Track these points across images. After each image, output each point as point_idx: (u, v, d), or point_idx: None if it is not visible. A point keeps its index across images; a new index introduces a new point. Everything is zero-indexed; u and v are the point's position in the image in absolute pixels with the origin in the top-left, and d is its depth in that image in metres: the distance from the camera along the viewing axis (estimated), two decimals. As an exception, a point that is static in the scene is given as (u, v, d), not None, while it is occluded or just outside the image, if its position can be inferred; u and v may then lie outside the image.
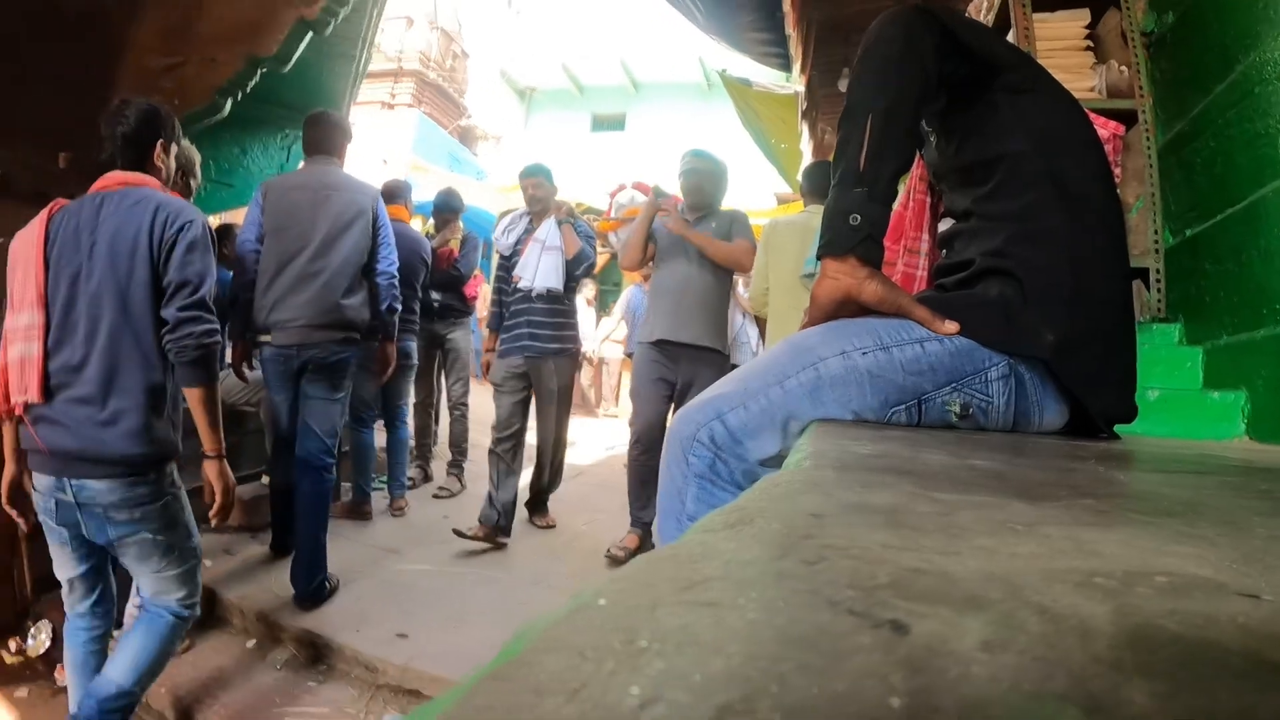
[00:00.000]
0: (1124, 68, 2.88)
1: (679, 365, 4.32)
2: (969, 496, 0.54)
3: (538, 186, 4.69)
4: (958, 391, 1.12)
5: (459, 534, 4.27)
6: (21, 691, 3.14)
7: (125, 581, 2.97)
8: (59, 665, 3.25)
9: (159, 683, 2.88)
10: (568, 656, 0.23)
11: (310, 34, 4.05)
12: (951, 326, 1.12)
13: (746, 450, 1.07)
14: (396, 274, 3.95)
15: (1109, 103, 2.84)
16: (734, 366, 6.06)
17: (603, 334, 11.46)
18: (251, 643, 3.30)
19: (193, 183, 3.40)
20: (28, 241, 2.32)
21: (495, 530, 4.34)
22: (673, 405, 4.43)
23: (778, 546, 0.36)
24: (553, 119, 18.86)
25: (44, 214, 2.36)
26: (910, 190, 1.65)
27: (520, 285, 4.55)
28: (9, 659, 3.34)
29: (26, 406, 2.24)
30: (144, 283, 2.24)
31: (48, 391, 2.22)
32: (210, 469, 2.39)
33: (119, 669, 2.35)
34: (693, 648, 0.23)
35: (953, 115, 1.32)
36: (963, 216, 1.34)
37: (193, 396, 2.32)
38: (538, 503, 5.05)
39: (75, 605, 2.42)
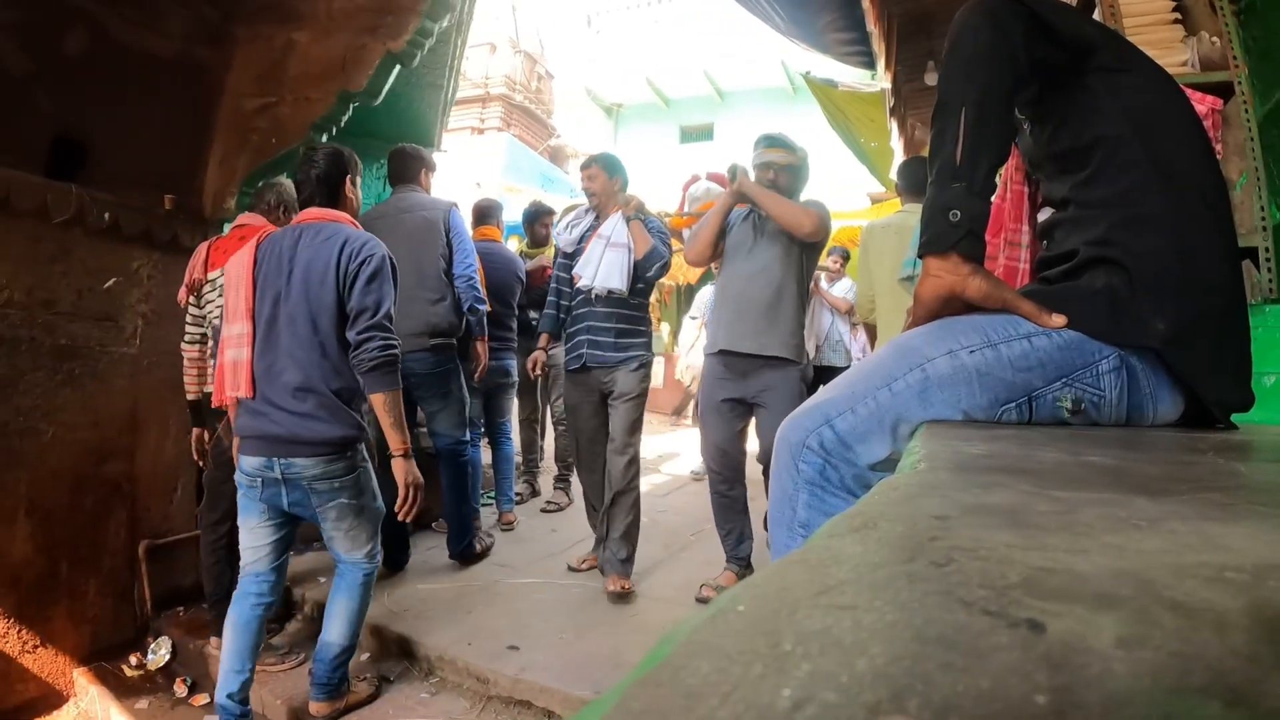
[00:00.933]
0: (1215, 38, 2.76)
1: (747, 380, 3.71)
2: (1088, 494, 0.54)
3: (592, 178, 4.09)
4: (1068, 386, 1.09)
5: (572, 570, 4.24)
6: (142, 703, 3.31)
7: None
8: (179, 678, 3.43)
9: (275, 694, 3.02)
10: (715, 660, 0.24)
11: (398, 66, 4.16)
12: (1059, 319, 1.09)
13: (856, 455, 1.06)
14: (475, 275, 4.11)
15: (1203, 76, 2.73)
16: (827, 369, 5.85)
17: (687, 344, 10.93)
18: (365, 655, 3.39)
19: (288, 217, 3.55)
20: (241, 264, 2.79)
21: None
22: (750, 421, 3.89)
23: (905, 549, 0.36)
24: (640, 133, 19.02)
25: (254, 241, 2.84)
26: (1007, 181, 1.61)
27: (580, 285, 3.95)
28: (130, 673, 3.53)
29: (238, 400, 2.74)
30: (330, 306, 2.67)
31: (255, 389, 2.68)
32: (397, 467, 2.76)
33: (335, 630, 2.87)
34: (836, 649, 0.24)
35: (1045, 101, 1.29)
36: (1061, 205, 1.31)
37: (376, 402, 2.71)
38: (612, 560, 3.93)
39: (254, 567, 2.80)
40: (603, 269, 3.85)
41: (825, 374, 5.83)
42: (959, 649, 0.24)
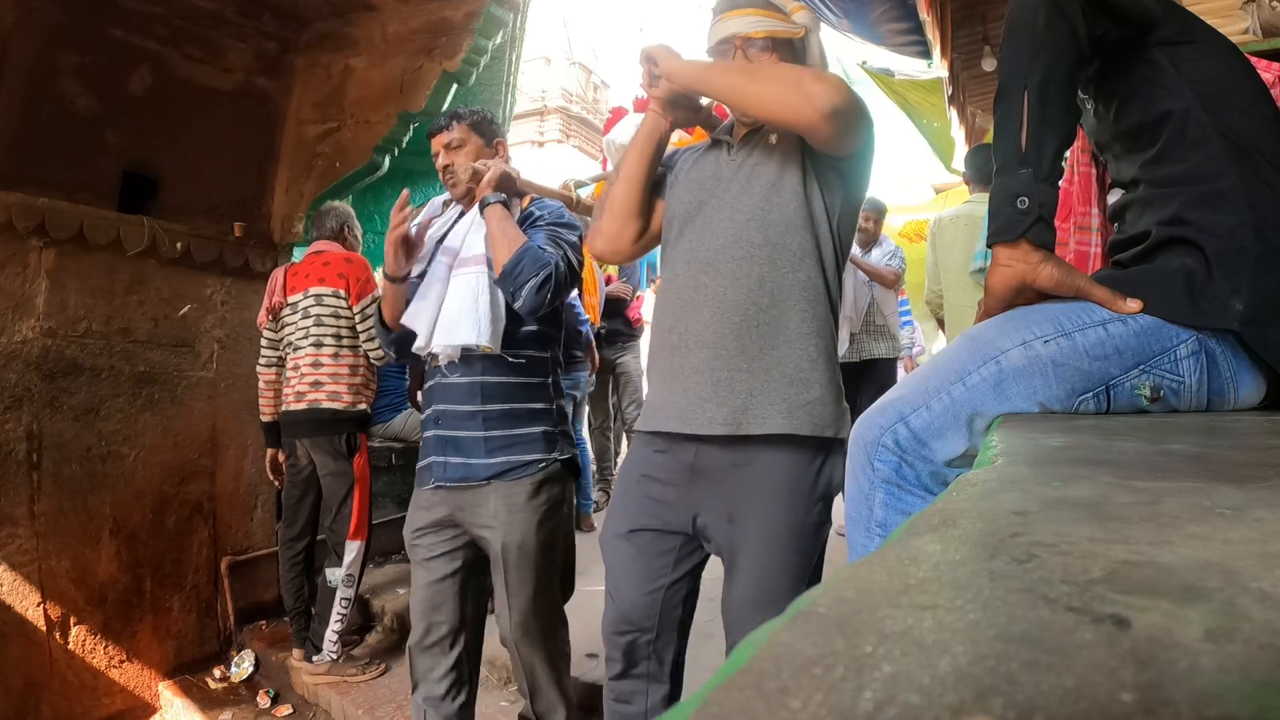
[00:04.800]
0: (1276, 3, 2.66)
1: (702, 484, 1.73)
2: (1171, 483, 0.52)
3: (451, 147, 2.30)
4: (1146, 373, 1.06)
5: None
6: (225, 715, 3.42)
7: (325, 607, 3.20)
8: (261, 690, 3.53)
9: (357, 704, 3.07)
10: (796, 663, 0.24)
11: (455, 85, 4.20)
12: (1134, 305, 1.06)
13: (932, 451, 1.05)
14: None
15: (1266, 43, 2.63)
16: (868, 364, 4.83)
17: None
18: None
19: (353, 236, 3.63)
20: None
21: None
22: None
23: (986, 546, 0.36)
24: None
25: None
26: (1073, 164, 1.58)
27: (418, 348, 2.21)
28: (214, 685, 3.64)
29: None
30: None
31: None
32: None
33: None
34: (918, 650, 0.24)
35: (1108, 79, 1.26)
36: (1131, 185, 1.27)
37: None
38: None
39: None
40: (447, 312, 2.15)
41: (866, 369, 4.82)
42: (1042, 647, 0.24)
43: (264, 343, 3.51)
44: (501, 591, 2.24)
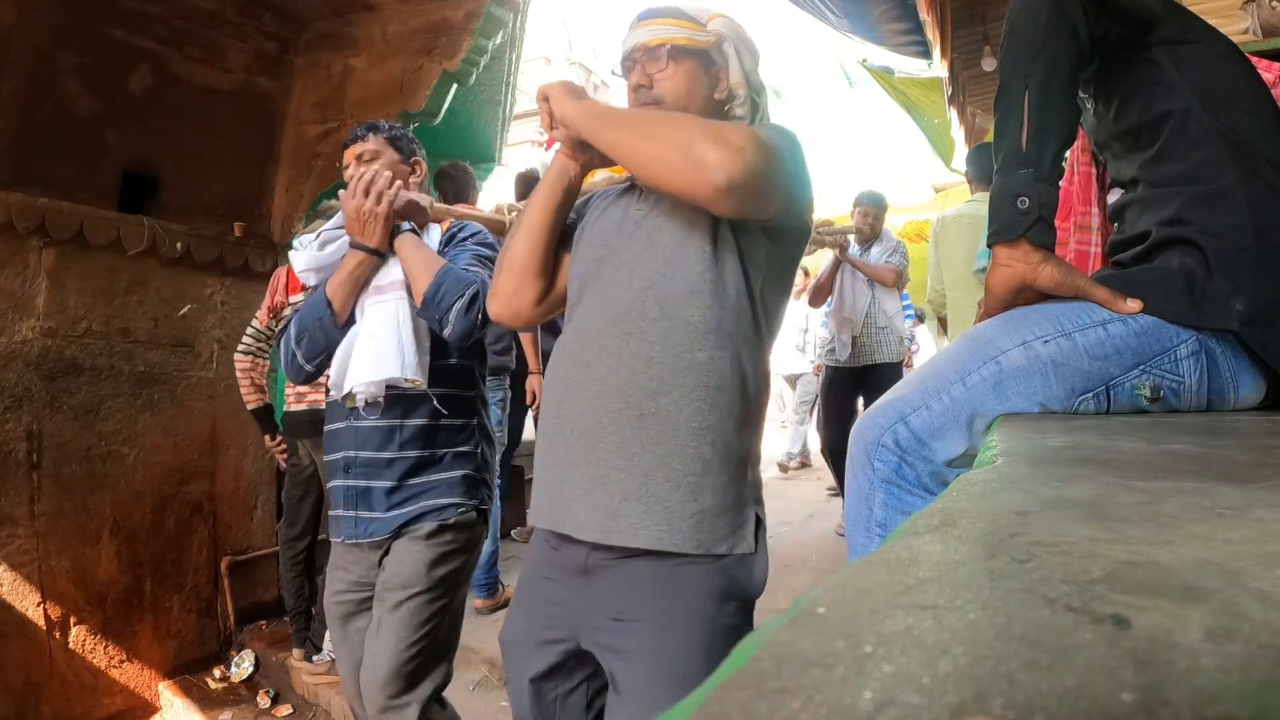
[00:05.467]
0: (1275, 3, 2.67)
1: (590, 600, 1.57)
2: (1171, 483, 0.52)
3: (364, 159, 2.09)
4: (1146, 374, 1.06)
5: None
6: (225, 715, 3.43)
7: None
8: (262, 690, 3.54)
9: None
10: (797, 663, 0.24)
11: (455, 85, 4.20)
12: (1134, 305, 1.07)
13: (932, 451, 1.05)
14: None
15: (1266, 43, 2.62)
16: (869, 369, 4.65)
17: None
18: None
19: None
20: None
21: None
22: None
23: (986, 546, 0.36)
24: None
25: None
26: (1073, 164, 1.58)
27: (332, 392, 2.02)
28: (214, 685, 3.66)
29: None
30: None
31: None
32: None
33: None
34: (918, 650, 0.24)
35: (1108, 79, 1.26)
36: (1131, 185, 1.27)
37: None
38: None
39: None
40: (365, 345, 1.90)
41: (868, 375, 4.67)
42: (1043, 647, 0.24)
43: (249, 332, 3.48)
44: (371, 637, 1.94)
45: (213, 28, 3.78)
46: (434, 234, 2.10)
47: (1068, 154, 1.42)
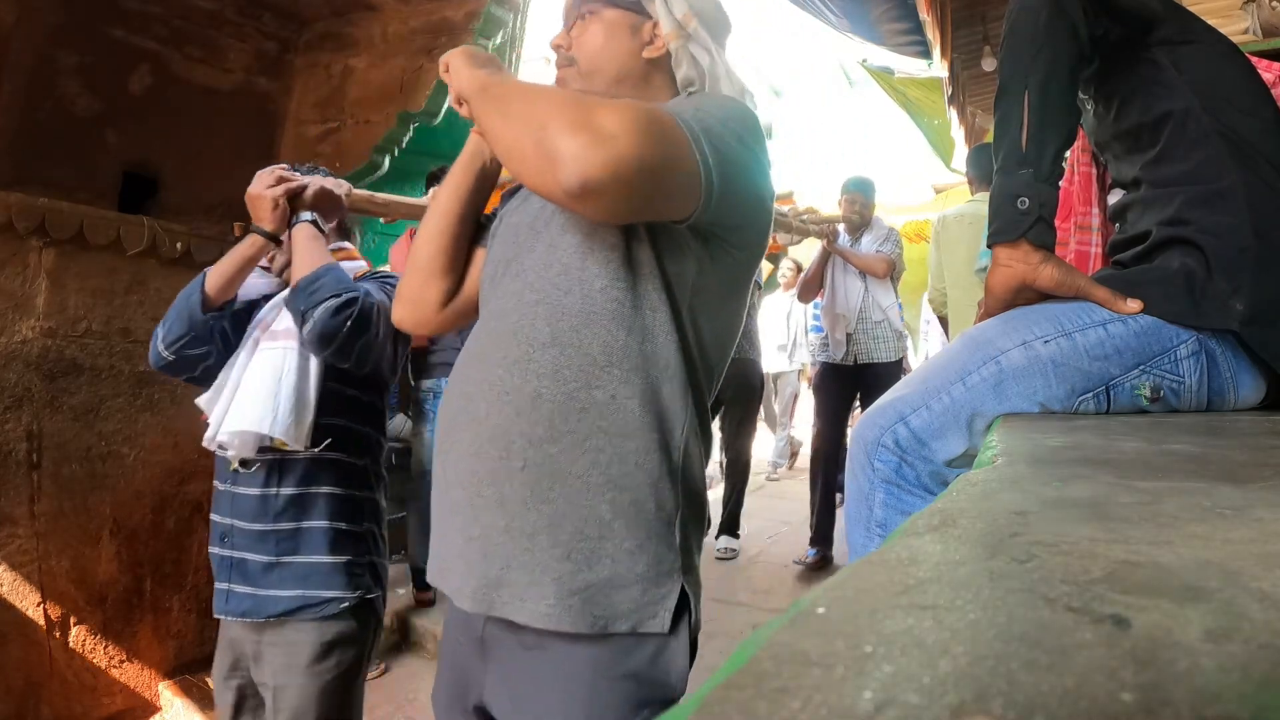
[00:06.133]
0: (1275, 3, 2.67)
1: (489, 673, 1.48)
2: (1171, 483, 0.53)
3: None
4: (1146, 374, 1.06)
5: None
6: (222, 716, 3.41)
7: None
8: (261, 690, 3.53)
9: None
10: (797, 663, 0.24)
11: (454, 85, 4.22)
12: (1134, 305, 1.07)
13: (932, 451, 1.05)
14: None
15: (1266, 43, 2.63)
16: (865, 368, 4.47)
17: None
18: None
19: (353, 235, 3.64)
20: None
21: None
22: None
23: (986, 546, 0.36)
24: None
25: None
26: (1074, 164, 1.58)
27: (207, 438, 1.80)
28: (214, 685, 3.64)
29: None
30: None
31: None
32: None
33: None
34: (918, 650, 0.24)
35: (1108, 79, 1.26)
36: (1132, 185, 1.28)
37: None
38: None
39: None
40: (243, 392, 1.73)
41: (864, 374, 4.50)
42: (1043, 647, 0.24)
43: None
44: None
45: (213, 28, 3.78)
46: (348, 268, 1.88)
47: (1068, 154, 1.42)
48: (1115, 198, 1.36)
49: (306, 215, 1.83)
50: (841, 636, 0.26)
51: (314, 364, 1.75)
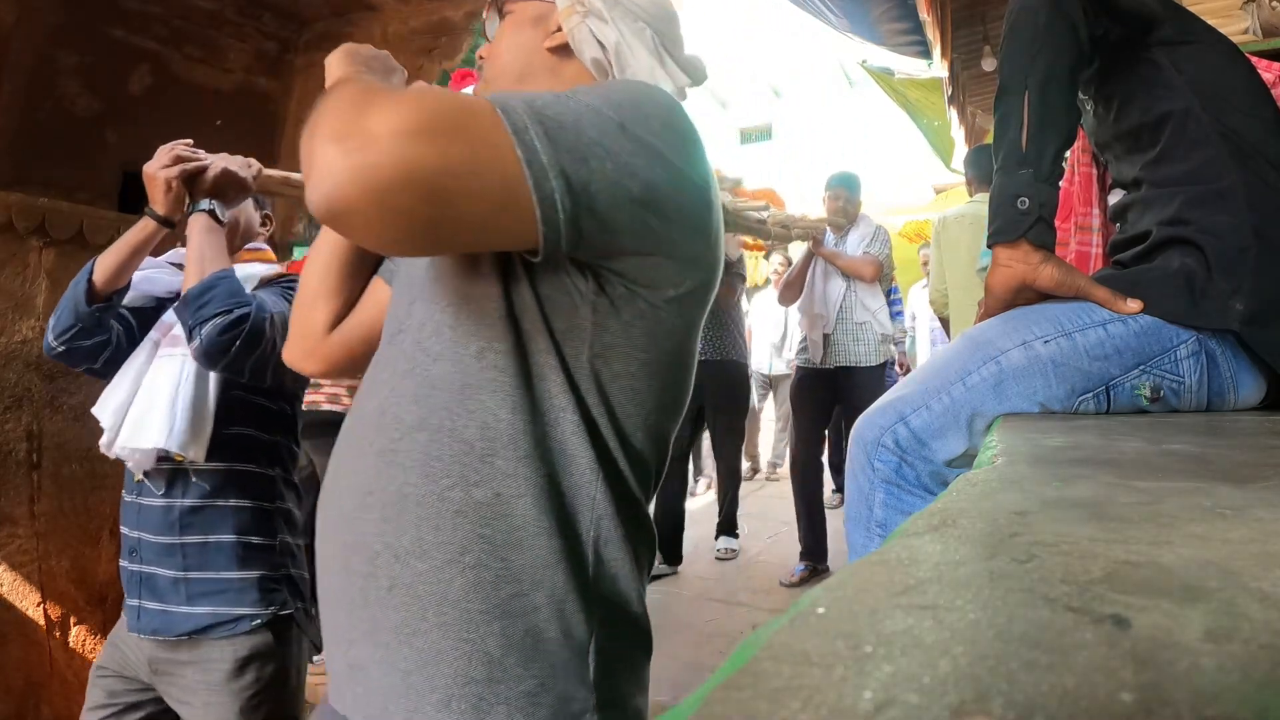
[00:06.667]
0: (1275, 3, 2.67)
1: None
2: (1171, 483, 0.53)
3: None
4: (1146, 374, 1.06)
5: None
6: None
7: None
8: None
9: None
10: (796, 664, 0.24)
11: (452, 84, 4.23)
12: (1134, 305, 1.07)
13: (932, 451, 1.05)
14: None
15: (1266, 43, 2.63)
16: (847, 371, 4.21)
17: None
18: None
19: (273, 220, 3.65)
20: None
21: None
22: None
23: (986, 546, 0.36)
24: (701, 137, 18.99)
25: None
26: (1074, 164, 1.58)
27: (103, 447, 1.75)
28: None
29: None
30: None
31: None
32: None
33: None
34: (918, 650, 0.24)
35: (1109, 79, 1.26)
36: (1132, 186, 1.28)
37: None
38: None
39: None
40: (140, 403, 1.67)
41: (843, 378, 4.23)
42: (1043, 647, 0.24)
43: None
44: None
45: (213, 28, 3.78)
46: (254, 271, 1.83)
47: (1068, 154, 1.42)
48: (1115, 198, 1.36)
49: (204, 204, 1.72)
50: (841, 636, 0.26)
51: (213, 375, 1.66)
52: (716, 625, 3.56)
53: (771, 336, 7.61)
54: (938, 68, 5.61)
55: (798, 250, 6.13)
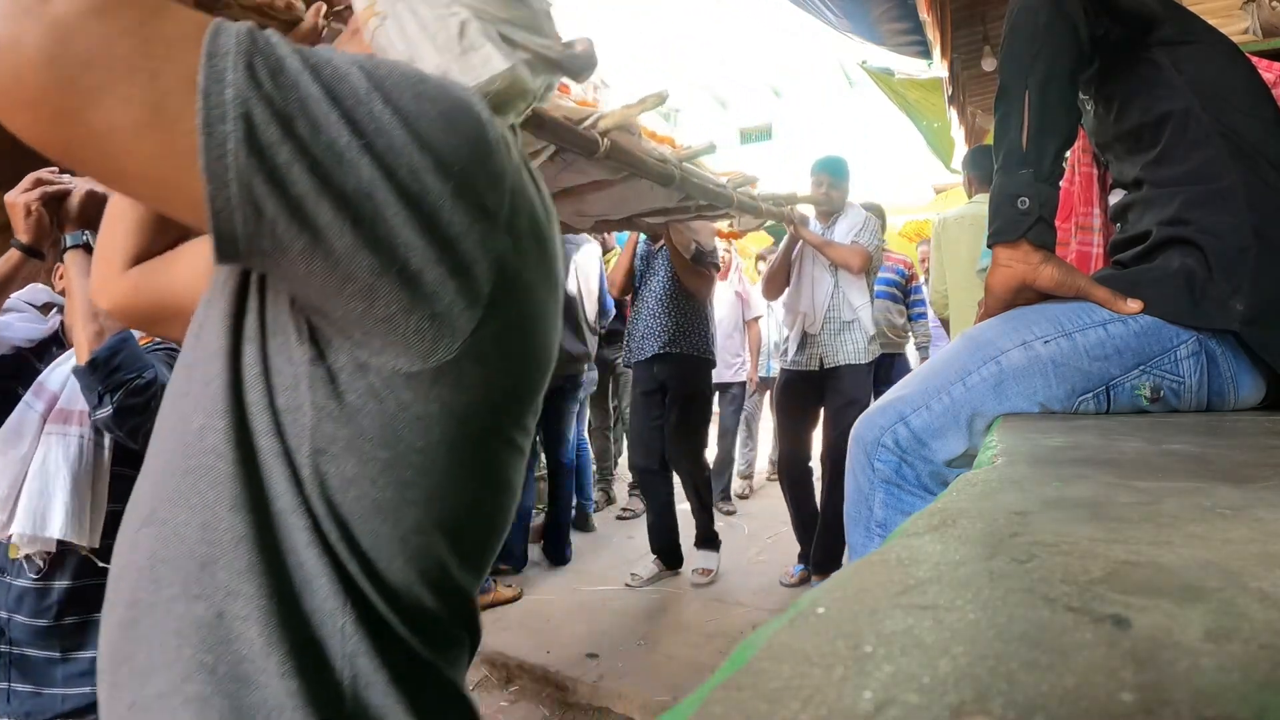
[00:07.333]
0: (1275, 3, 2.66)
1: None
2: (1171, 483, 0.52)
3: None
4: (1146, 374, 1.06)
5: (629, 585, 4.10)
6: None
7: None
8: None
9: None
10: (796, 664, 0.24)
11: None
12: (1134, 305, 1.07)
13: (932, 451, 1.05)
14: None
15: (1266, 43, 2.62)
16: (831, 373, 3.94)
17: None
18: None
19: None
20: None
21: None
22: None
23: (986, 546, 0.36)
24: (699, 139, 19.04)
25: None
26: (1074, 164, 1.58)
27: None
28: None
29: None
30: None
31: None
32: None
33: None
34: (918, 650, 0.24)
35: (1109, 79, 1.26)
36: (1133, 185, 1.27)
37: None
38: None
39: None
40: (34, 488, 1.52)
41: (829, 379, 3.93)
42: (1043, 647, 0.24)
43: None
44: None
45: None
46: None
47: (1068, 154, 1.42)
48: (1116, 198, 1.36)
49: (77, 237, 1.53)
50: (841, 636, 0.26)
51: (106, 453, 1.57)
52: (716, 625, 3.56)
53: (774, 336, 7.56)
54: (938, 68, 5.60)
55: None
